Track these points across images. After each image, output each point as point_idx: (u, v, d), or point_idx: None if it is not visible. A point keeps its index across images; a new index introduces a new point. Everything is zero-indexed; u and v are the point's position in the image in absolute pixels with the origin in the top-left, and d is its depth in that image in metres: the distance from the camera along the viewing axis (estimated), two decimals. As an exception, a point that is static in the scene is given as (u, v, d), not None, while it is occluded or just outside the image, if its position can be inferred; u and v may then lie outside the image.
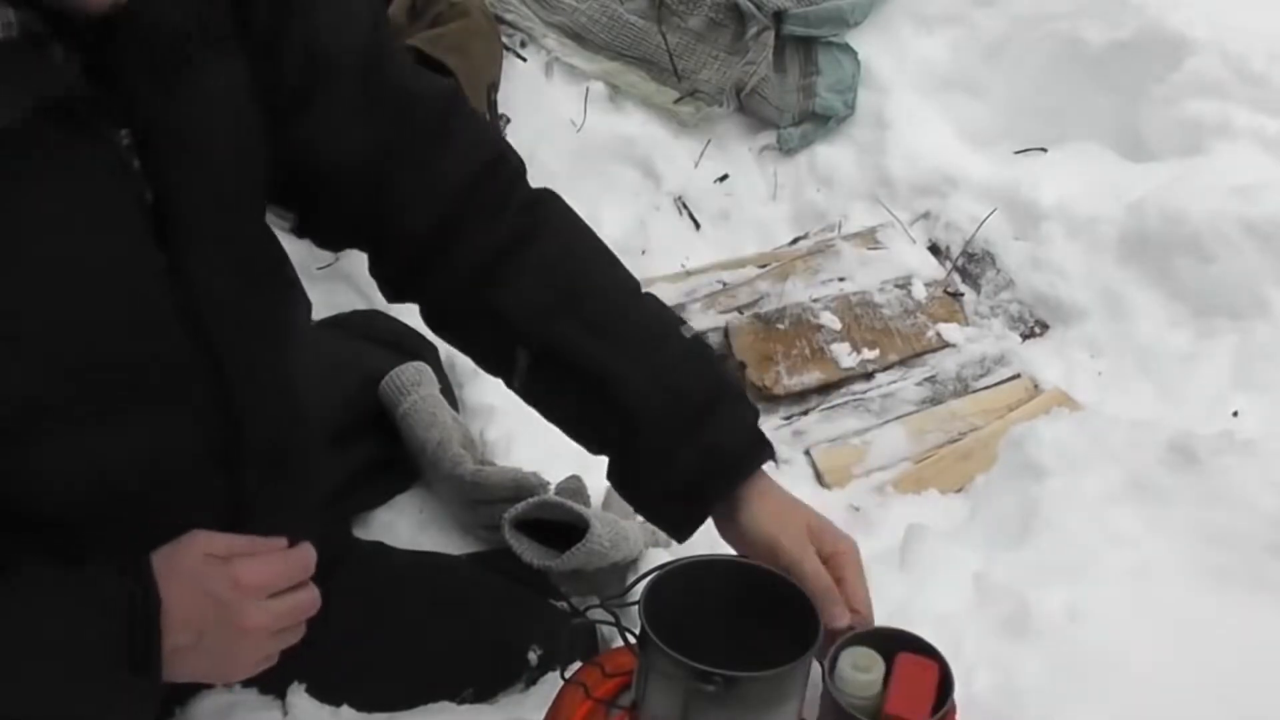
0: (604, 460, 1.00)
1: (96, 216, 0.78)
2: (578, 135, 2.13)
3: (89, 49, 0.76)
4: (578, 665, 0.95)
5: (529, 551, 1.36)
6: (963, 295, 1.99)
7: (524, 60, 2.19)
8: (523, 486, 1.41)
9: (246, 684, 1.07)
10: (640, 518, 1.49)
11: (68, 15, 0.73)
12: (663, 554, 1.44)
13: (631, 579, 1.40)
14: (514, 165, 1.03)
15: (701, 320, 1.90)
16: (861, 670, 0.88)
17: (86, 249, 0.77)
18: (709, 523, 0.97)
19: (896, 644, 0.90)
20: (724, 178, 2.15)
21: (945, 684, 0.88)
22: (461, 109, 1.02)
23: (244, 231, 0.92)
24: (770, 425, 1.76)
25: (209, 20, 0.83)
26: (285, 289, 1.08)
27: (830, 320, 1.89)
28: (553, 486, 1.47)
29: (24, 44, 0.72)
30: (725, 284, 1.96)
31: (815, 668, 0.88)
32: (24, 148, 0.72)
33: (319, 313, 1.53)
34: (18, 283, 0.74)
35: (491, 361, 1.04)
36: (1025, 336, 1.93)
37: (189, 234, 0.83)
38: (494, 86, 1.88)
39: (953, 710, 0.88)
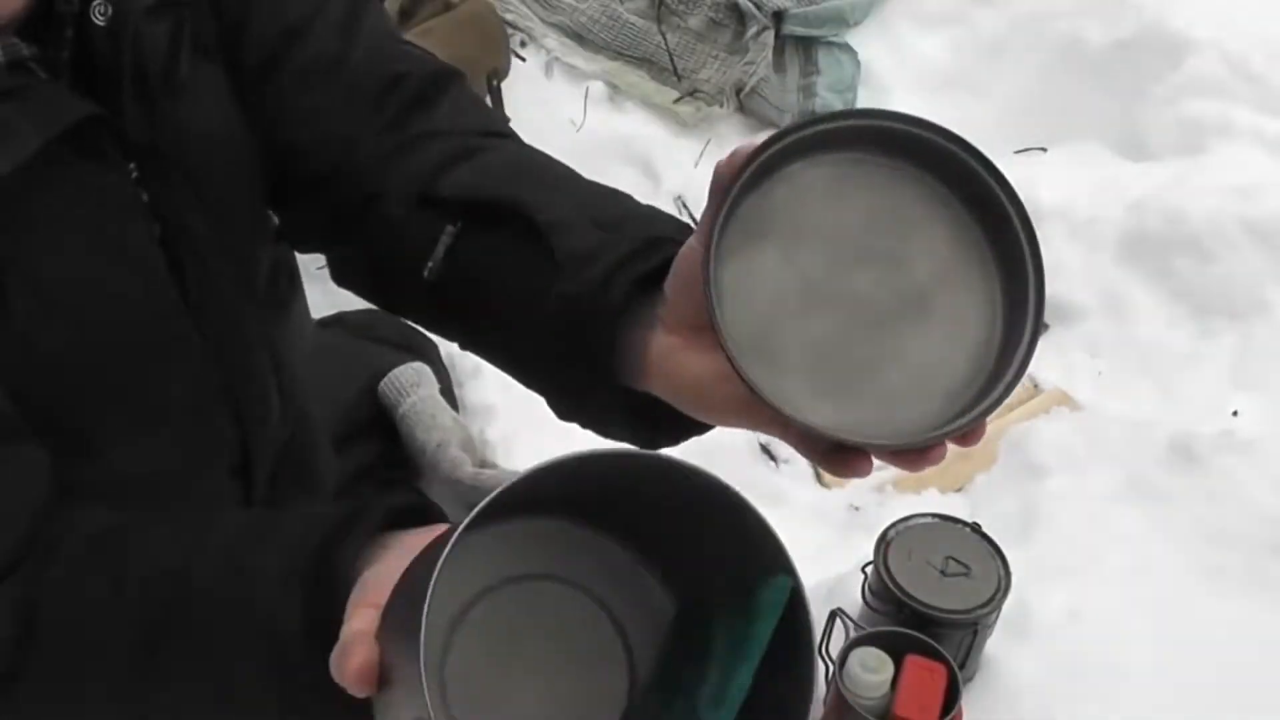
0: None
1: (116, 247, 0.77)
2: (578, 135, 2.12)
3: (75, 73, 0.74)
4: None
5: (529, 551, 1.35)
6: (963, 295, 1.99)
7: (524, 60, 2.19)
8: (521, 488, 1.41)
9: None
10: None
11: (43, 35, 0.71)
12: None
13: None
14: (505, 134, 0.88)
15: (701, 320, 1.90)
16: (870, 671, 0.88)
17: (108, 280, 0.76)
18: None
19: (905, 646, 0.90)
20: (724, 177, 2.15)
21: (953, 688, 0.88)
22: (452, 87, 0.88)
23: (249, 248, 0.91)
24: (770, 425, 1.76)
25: (190, 32, 0.79)
26: (290, 300, 1.06)
27: (830, 320, 1.89)
28: (552, 486, 1.47)
29: (37, 78, 0.71)
30: (725, 284, 1.96)
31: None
32: (47, 181, 0.71)
33: (319, 312, 1.53)
34: (44, 318, 0.73)
35: (409, 254, 0.80)
36: (1025, 336, 1.93)
37: (197, 262, 0.82)
38: (495, 73, 1.85)
39: (960, 715, 0.88)
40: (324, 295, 1.81)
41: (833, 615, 0.98)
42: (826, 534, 1.58)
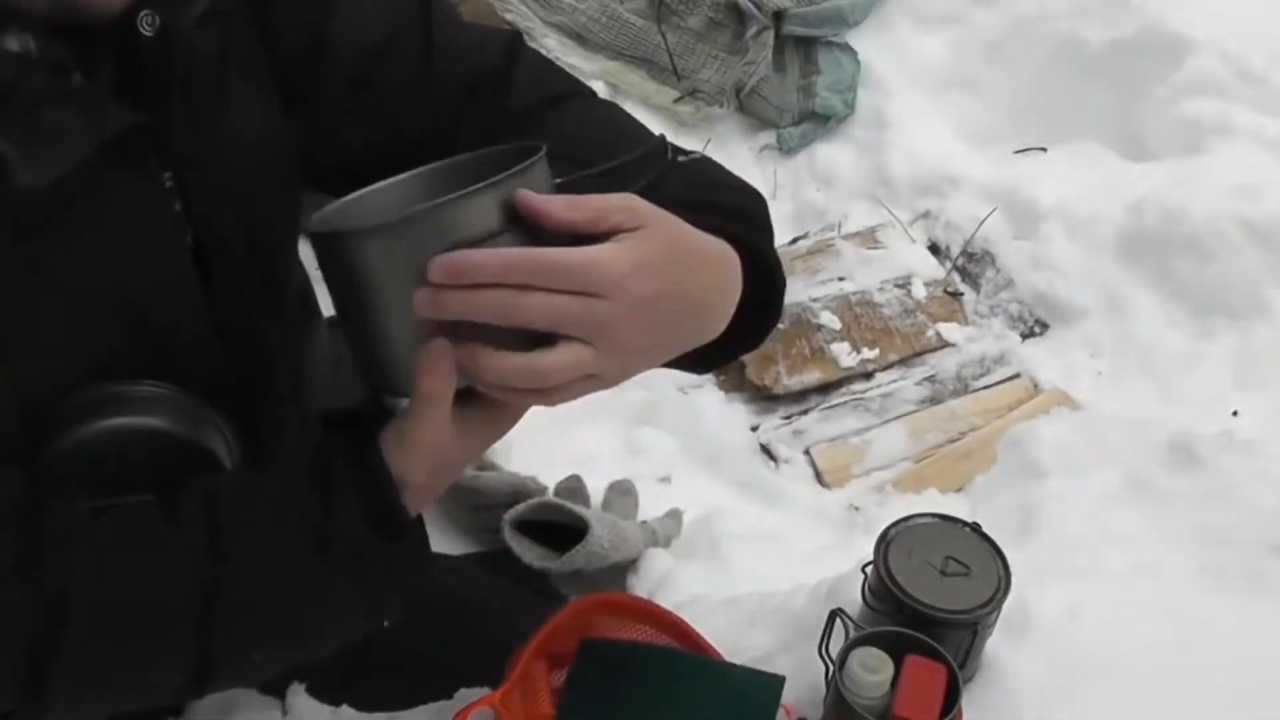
0: (603, 462, 0.99)
1: (149, 259, 0.76)
2: (578, 135, 2.13)
3: (117, 78, 0.74)
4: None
5: (529, 553, 1.36)
6: (962, 295, 1.99)
7: (524, 60, 2.19)
8: (520, 492, 1.41)
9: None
10: (640, 518, 1.49)
11: (82, 38, 0.71)
12: (664, 555, 1.44)
13: (630, 576, 1.40)
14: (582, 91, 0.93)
15: (701, 320, 1.90)
16: (870, 671, 0.88)
17: (136, 290, 0.76)
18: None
19: (905, 646, 0.90)
20: (724, 177, 2.15)
21: (953, 688, 0.88)
22: (520, 52, 0.91)
23: (280, 266, 0.90)
24: (770, 425, 1.76)
25: (240, 47, 0.80)
26: (309, 319, 1.07)
27: (830, 320, 1.89)
28: (552, 487, 1.47)
29: (85, 84, 0.71)
30: (725, 284, 1.96)
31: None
32: (84, 190, 0.70)
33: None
34: (71, 326, 0.73)
35: None
36: (1025, 336, 1.93)
37: (228, 273, 0.82)
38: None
39: (959, 715, 0.88)
40: (325, 295, 1.82)
41: (833, 615, 0.98)
42: (826, 534, 1.58)
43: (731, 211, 0.79)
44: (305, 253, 1.10)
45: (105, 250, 0.73)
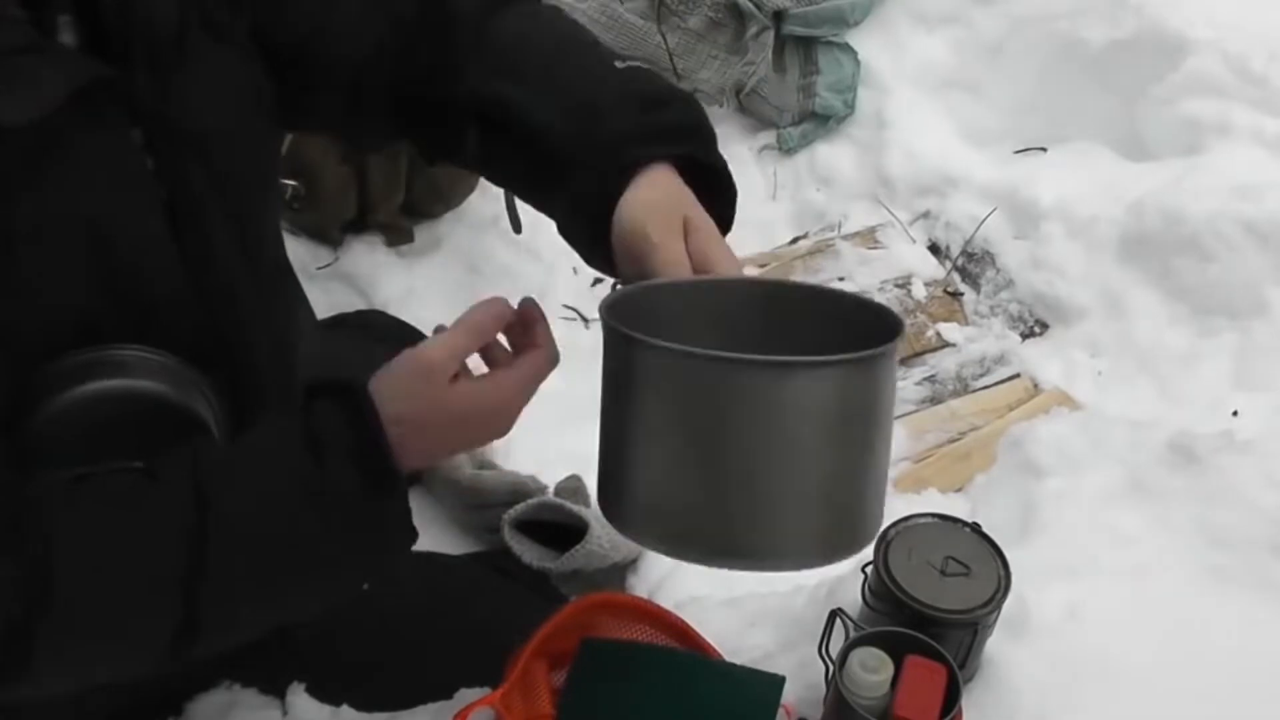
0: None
1: (123, 214, 0.77)
2: (578, 135, 2.13)
3: (83, 39, 0.75)
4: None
5: (529, 553, 1.36)
6: (962, 295, 1.99)
7: (524, 60, 2.19)
8: (519, 491, 1.41)
9: (246, 684, 1.07)
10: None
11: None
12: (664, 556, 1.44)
13: (630, 576, 1.40)
14: None
15: (701, 320, 1.90)
16: (870, 671, 0.88)
17: (112, 237, 0.77)
18: None
19: (905, 646, 0.90)
20: (724, 177, 2.15)
21: (953, 687, 0.88)
22: None
23: (253, 228, 0.91)
24: (770, 425, 1.76)
25: (205, 8, 0.82)
26: (291, 291, 1.07)
27: (830, 320, 1.89)
28: (551, 487, 1.47)
29: (54, 40, 0.72)
30: (725, 284, 1.96)
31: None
32: (56, 144, 0.72)
33: (319, 312, 1.53)
34: (48, 270, 0.74)
35: (447, 146, 0.96)
36: (1025, 336, 1.93)
37: (201, 236, 0.83)
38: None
39: (959, 715, 0.88)
40: (324, 295, 1.81)
41: (833, 615, 0.98)
42: (826, 534, 1.58)
43: (679, 131, 0.86)
44: (296, 250, 1.11)
45: (80, 205, 0.74)
